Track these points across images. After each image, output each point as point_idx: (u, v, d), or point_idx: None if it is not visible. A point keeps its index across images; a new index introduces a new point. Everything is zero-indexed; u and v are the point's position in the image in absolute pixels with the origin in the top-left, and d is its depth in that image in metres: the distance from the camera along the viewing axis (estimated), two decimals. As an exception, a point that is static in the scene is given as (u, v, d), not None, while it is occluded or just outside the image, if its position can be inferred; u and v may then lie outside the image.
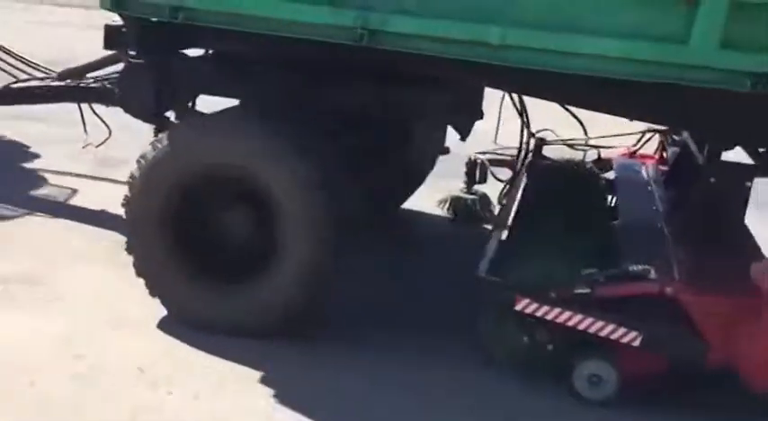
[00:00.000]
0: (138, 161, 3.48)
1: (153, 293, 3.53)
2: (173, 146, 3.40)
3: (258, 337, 3.35)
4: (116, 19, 3.71)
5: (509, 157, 4.81)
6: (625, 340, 3.00)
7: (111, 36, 3.80)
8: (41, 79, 5.24)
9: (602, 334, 3.02)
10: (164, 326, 3.48)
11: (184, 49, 3.83)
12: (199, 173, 3.39)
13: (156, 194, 3.43)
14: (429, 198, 5.14)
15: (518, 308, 3.10)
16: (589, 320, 3.03)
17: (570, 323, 3.05)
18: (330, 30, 3.03)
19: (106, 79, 4.83)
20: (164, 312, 3.51)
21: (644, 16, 2.69)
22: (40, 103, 5.27)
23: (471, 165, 4.95)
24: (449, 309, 3.80)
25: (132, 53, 3.77)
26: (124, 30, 3.69)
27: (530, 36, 2.81)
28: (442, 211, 5.12)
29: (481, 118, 4.32)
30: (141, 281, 3.53)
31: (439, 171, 5.07)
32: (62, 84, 5.10)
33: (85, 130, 5.20)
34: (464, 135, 4.37)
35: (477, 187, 5.07)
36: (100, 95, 4.85)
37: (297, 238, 3.28)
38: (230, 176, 3.36)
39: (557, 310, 3.06)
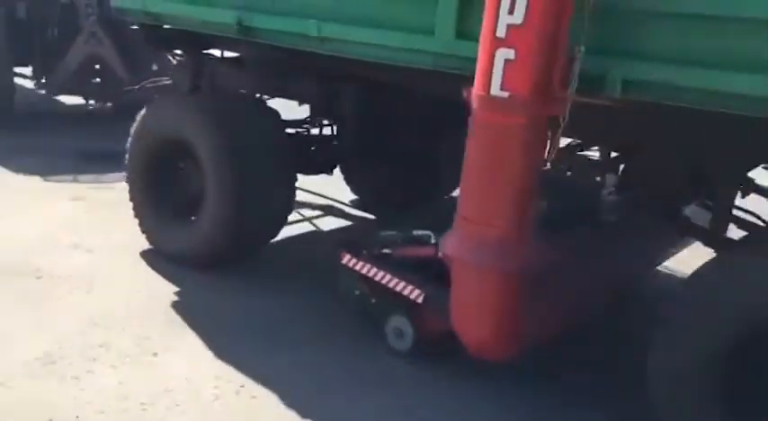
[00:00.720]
0: (131, 132, 4.61)
1: (141, 230, 4.61)
2: (143, 122, 4.50)
3: (199, 268, 4.26)
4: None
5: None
6: (412, 297, 3.37)
7: (147, 35, 4.84)
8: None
9: (397, 290, 3.42)
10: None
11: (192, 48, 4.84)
12: (158, 140, 4.43)
13: (138, 155, 4.54)
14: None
15: (343, 262, 3.63)
16: (388, 277, 3.47)
17: (375, 278, 3.50)
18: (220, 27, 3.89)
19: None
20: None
21: (407, 11, 3.14)
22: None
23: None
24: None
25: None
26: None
27: (338, 29, 3.38)
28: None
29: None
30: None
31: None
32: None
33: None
34: None
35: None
36: None
37: (211, 191, 4.16)
38: (178, 142, 4.32)
39: (366, 266, 3.53)
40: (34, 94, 7.55)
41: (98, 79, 7.45)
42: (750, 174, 3.42)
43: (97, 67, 7.25)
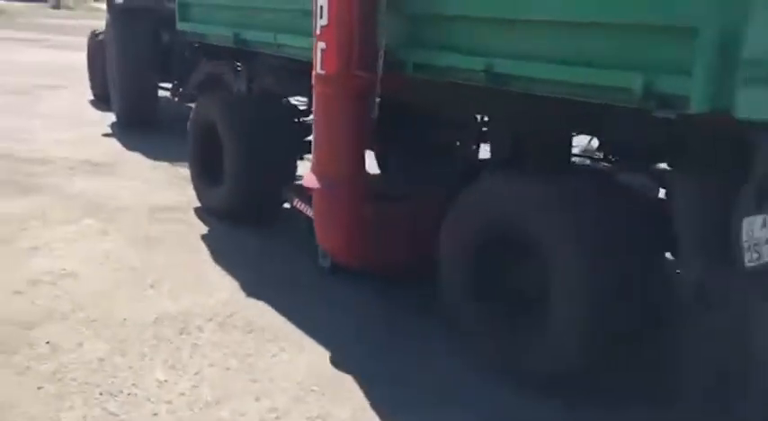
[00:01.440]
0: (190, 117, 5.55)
1: (195, 192, 5.56)
2: (194, 113, 5.54)
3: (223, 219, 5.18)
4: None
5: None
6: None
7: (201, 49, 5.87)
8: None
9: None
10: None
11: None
12: (201, 126, 5.38)
13: (191, 137, 5.54)
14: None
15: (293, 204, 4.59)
16: (306, 208, 4.31)
17: (304, 212, 4.36)
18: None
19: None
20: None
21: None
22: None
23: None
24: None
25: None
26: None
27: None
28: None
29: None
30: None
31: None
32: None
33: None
34: None
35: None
36: None
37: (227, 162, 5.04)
38: (212, 127, 5.19)
39: (300, 204, 4.43)
40: (173, 103, 8.41)
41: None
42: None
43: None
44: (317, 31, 3.58)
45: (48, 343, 3.38)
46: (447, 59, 3.20)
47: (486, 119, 4.20)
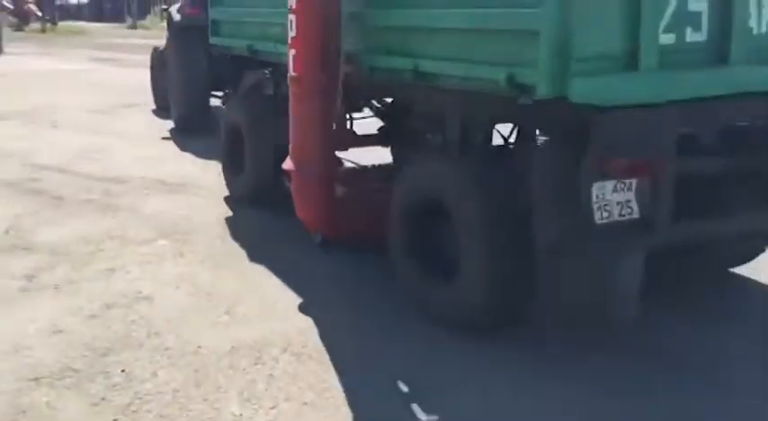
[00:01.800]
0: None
1: (225, 180, 6.24)
2: (225, 111, 6.35)
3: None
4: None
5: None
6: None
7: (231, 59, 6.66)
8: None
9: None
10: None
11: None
12: (229, 123, 6.11)
13: (222, 131, 6.27)
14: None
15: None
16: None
17: None
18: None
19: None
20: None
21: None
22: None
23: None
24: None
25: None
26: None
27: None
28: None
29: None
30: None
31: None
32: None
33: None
34: None
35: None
36: None
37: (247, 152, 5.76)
38: (237, 125, 5.93)
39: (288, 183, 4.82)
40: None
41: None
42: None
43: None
44: (289, 41, 4.37)
45: (123, 371, 3.32)
46: (390, 62, 4.00)
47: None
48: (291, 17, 4.26)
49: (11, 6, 29.05)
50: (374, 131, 5.23)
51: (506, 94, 3.15)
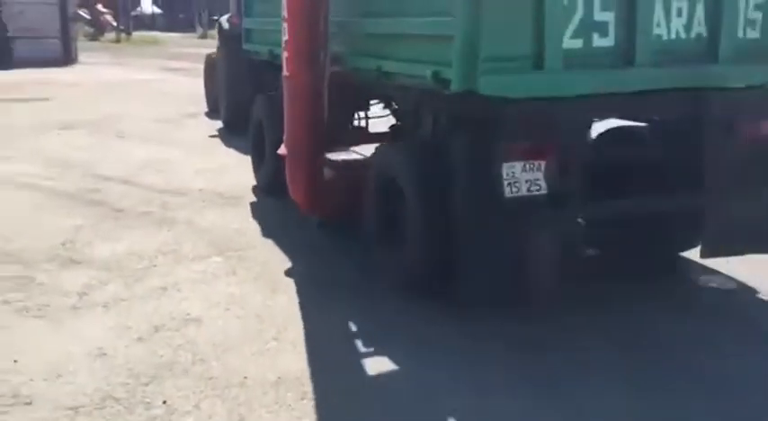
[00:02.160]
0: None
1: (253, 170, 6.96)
2: (253, 108, 6.90)
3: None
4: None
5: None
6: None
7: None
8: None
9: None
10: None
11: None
12: (256, 119, 6.79)
13: (250, 127, 6.97)
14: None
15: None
16: None
17: None
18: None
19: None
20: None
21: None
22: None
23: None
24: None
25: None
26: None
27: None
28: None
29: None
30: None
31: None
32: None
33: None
34: None
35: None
36: None
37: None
38: (260, 119, 6.73)
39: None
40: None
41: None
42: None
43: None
44: (283, 44, 4.87)
45: (164, 403, 3.17)
46: (365, 63, 4.63)
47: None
48: (284, 24, 4.79)
49: (87, 17, 30.02)
50: (386, 130, 5.88)
51: (435, 88, 3.70)
